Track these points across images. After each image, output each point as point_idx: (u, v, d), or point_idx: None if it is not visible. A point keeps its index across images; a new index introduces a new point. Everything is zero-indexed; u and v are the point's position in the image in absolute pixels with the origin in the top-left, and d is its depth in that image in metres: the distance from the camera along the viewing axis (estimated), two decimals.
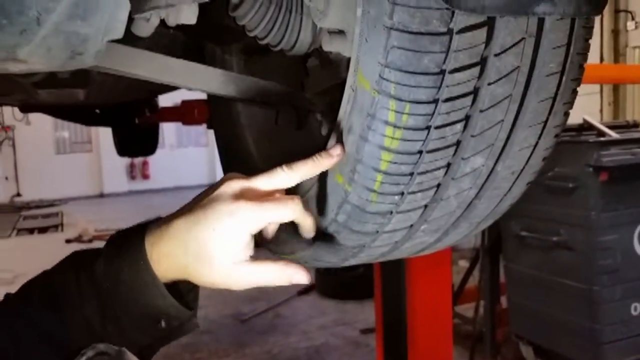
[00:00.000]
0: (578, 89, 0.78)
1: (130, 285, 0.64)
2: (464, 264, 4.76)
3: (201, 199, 0.66)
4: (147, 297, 0.64)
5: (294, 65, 1.10)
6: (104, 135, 10.71)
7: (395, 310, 2.77)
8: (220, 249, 0.62)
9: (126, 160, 13.51)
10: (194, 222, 0.63)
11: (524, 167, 0.79)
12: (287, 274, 0.64)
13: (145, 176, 14.52)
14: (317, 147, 0.97)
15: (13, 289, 0.69)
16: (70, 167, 13.69)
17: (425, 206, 0.76)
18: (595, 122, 3.22)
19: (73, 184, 13.52)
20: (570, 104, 0.77)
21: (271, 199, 0.65)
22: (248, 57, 1.22)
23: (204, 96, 3.09)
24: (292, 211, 0.65)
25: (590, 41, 0.75)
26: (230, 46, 1.21)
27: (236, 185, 0.65)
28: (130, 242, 0.66)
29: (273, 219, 0.64)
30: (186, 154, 14.88)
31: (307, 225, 0.69)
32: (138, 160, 13.82)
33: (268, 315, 4.62)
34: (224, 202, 0.63)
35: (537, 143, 0.76)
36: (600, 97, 8.13)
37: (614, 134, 3.07)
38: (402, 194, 0.72)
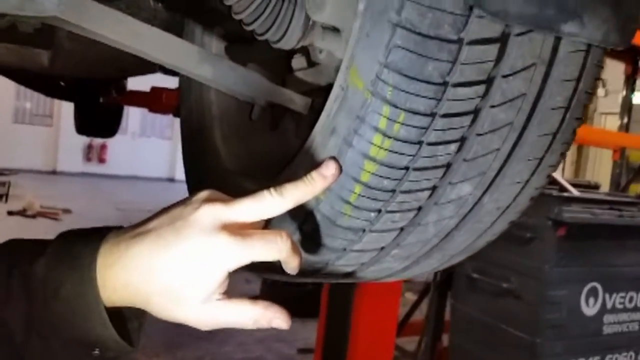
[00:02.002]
0: (577, 130, 0.73)
1: (69, 305, 0.53)
2: (410, 296, 4.73)
3: (172, 219, 0.55)
4: (87, 323, 0.54)
5: (277, 60, 1.03)
6: (67, 111, 10.41)
7: (337, 333, 2.71)
8: (192, 286, 0.53)
9: (85, 141, 13.19)
10: (163, 250, 0.53)
11: (510, 204, 0.73)
12: (266, 318, 0.55)
13: (102, 160, 14.18)
14: (289, 152, 0.90)
15: None
16: (26, 139, 13.26)
17: (402, 229, 0.69)
18: (559, 178, 3.25)
19: (26, 156, 13.08)
20: (568, 144, 0.72)
21: (258, 236, 0.55)
22: (229, 44, 1.14)
23: (175, 86, 2.98)
24: (280, 251, 0.55)
25: (597, 82, 0.71)
26: (212, 29, 1.13)
27: (218, 211, 0.54)
28: (81, 253, 0.54)
29: (257, 258, 0.54)
30: (148, 145, 14.59)
31: (292, 265, 0.58)
32: (97, 142, 13.52)
33: None
34: (202, 232, 0.53)
35: (528, 180, 0.71)
36: None
37: (576, 192, 3.11)
38: (380, 211, 0.65)
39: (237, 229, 0.55)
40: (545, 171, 0.73)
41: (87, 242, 0.55)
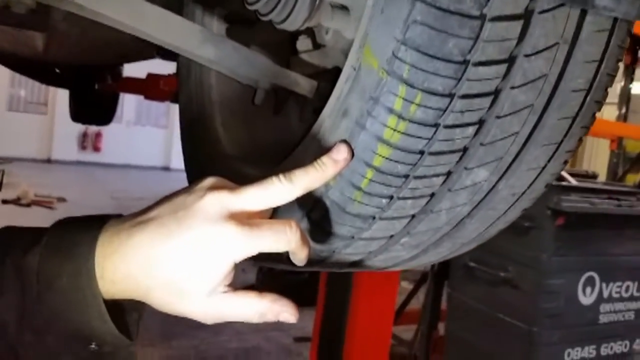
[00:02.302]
0: (597, 114, 0.70)
1: (65, 298, 0.50)
2: (406, 285, 4.72)
3: (174, 207, 0.52)
4: (83, 317, 0.50)
5: (282, 42, 0.99)
6: (62, 99, 10.31)
7: (334, 322, 2.70)
8: (196, 278, 0.50)
9: (80, 129, 13.11)
10: (165, 239, 0.50)
11: (525, 190, 0.70)
12: (274, 312, 0.52)
13: (97, 148, 14.09)
14: (292, 137, 0.87)
15: None
16: (21, 127, 13.15)
17: (413, 216, 0.66)
18: None
19: (21, 144, 12.98)
20: (586, 129, 0.70)
21: (267, 226, 0.52)
22: (231, 26, 1.10)
23: (171, 72, 2.94)
24: (289, 242, 0.52)
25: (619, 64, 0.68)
26: (212, 10, 1.09)
27: (224, 199, 0.51)
28: (78, 242, 0.51)
29: (265, 249, 0.51)
30: (143, 133, 14.50)
31: (301, 256, 0.55)
32: (91, 130, 13.44)
33: None
34: (207, 221, 0.50)
35: (545, 165, 0.68)
36: None
37: (574, 181, 3.10)
38: (391, 197, 0.62)
39: (245, 218, 0.52)
40: (563, 157, 0.70)
41: (85, 230, 0.52)
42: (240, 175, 0.99)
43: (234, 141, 1.10)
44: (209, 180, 0.54)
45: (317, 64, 0.90)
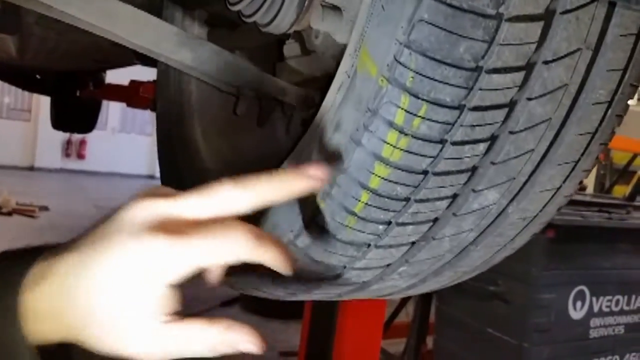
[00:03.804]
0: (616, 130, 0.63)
1: None
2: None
3: (100, 227, 0.43)
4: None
5: (267, 46, 0.91)
6: (45, 106, 10.18)
7: (322, 336, 2.62)
8: (124, 307, 0.41)
9: (63, 136, 12.94)
10: (80, 265, 0.41)
11: (537, 214, 0.63)
12: (228, 343, 0.42)
13: (81, 156, 13.92)
14: (278, 150, 0.79)
15: None
16: (3, 134, 12.97)
17: (413, 243, 0.58)
18: None
19: (3, 151, 12.78)
20: (605, 145, 0.62)
21: (204, 231, 0.41)
22: (212, 29, 1.02)
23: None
24: (240, 246, 0.41)
25: None
26: (193, 12, 1.01)
27: (154, 206, 0.41)
28: (5, 279, 0.43)
29: (209, 261, 0.41)
30: (128, 140, 14.35)
31: (280, 262, 0.43)
32: (76, 138, 13.30)
33: None
34: (131, 235, 0.40)
35: (560, 186, 0.61)
36: None
37: None
38: (389, 223, 0.54)
39: (182, 228, 0.41)
40: (579, 176, 0.63)
41: (14, 266, 0.43)
42: None
43: (215, 153, 1.02)
44: (144, 190, 0.44)
45: (305, 71, 0.83)
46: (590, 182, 5.18)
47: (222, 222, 0.42)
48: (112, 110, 12.80)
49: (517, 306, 2.79)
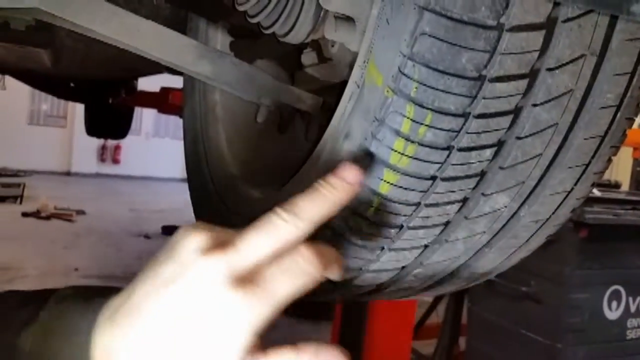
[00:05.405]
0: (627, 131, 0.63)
1: None
2: (426, 298, 4.63)
3: (162, 287, 0.41)
4: None
5: (286, 55, 0.94)
6: (81, 112, 10.45)
7: (352, 336, 2.64)
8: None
9: (99, 142, 13.22)
10: (162, 334, 0.40)
11: (550, 217, 0.64)
12: None
13: (116, 161, 14.20)
14: (299, 157, 0.81)
15: None
16: (41, 140, 13.32)
17: (426, 246, 0.60)
18: None
19: (41, 157, 13.13)
20: (616, 148, 0.63)
21: (276, 274, 0.41)
22: (234, 40, 1.05)
23: None
24: (309, 275, 0.41)
25: None
26: (216, 23, 1.05)
27: (222, 264, 0.40)
28: (75, 329, 0.43)
29: (288, 299, 0.41)
30: (162, 145, 14.58)
31: (334, 273, 0.44)
32: (111, 143, 13.56)
33: None
34: (209, 299, 0.40)
35: (572, 189, 0.62)
36: None
37: (597, 192, 3.01)
38: (401, 227, 0.56)
39: (251, 275, 0.41)
40: (590, 179, 0.63)
41: (83, 312, 0.44)
42: (245, 197, 0.94)
43: (239, 160, 1.05)
44: (194, 241, 0.43)
45: (323, 79, 0.85)
46: (625, 179, 5.08)
47: (289, 255, 0.42)
48: (146, 116, 13.03)
49: (550, 306, 2.76)
